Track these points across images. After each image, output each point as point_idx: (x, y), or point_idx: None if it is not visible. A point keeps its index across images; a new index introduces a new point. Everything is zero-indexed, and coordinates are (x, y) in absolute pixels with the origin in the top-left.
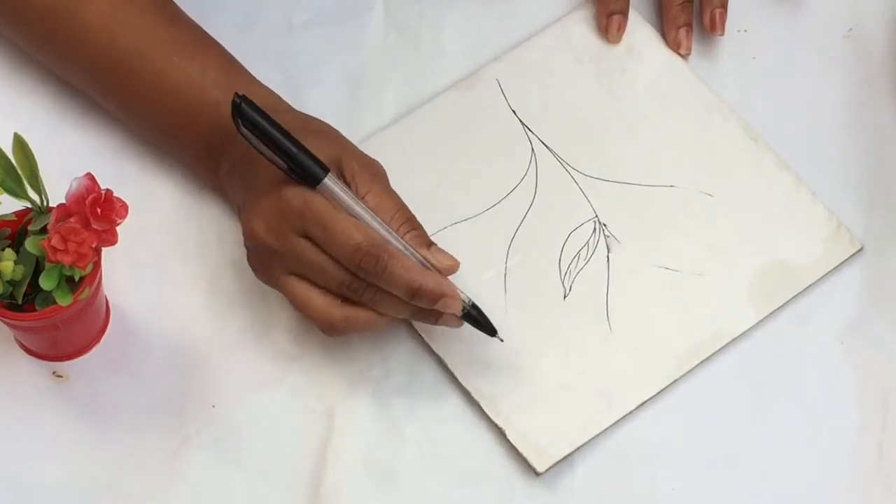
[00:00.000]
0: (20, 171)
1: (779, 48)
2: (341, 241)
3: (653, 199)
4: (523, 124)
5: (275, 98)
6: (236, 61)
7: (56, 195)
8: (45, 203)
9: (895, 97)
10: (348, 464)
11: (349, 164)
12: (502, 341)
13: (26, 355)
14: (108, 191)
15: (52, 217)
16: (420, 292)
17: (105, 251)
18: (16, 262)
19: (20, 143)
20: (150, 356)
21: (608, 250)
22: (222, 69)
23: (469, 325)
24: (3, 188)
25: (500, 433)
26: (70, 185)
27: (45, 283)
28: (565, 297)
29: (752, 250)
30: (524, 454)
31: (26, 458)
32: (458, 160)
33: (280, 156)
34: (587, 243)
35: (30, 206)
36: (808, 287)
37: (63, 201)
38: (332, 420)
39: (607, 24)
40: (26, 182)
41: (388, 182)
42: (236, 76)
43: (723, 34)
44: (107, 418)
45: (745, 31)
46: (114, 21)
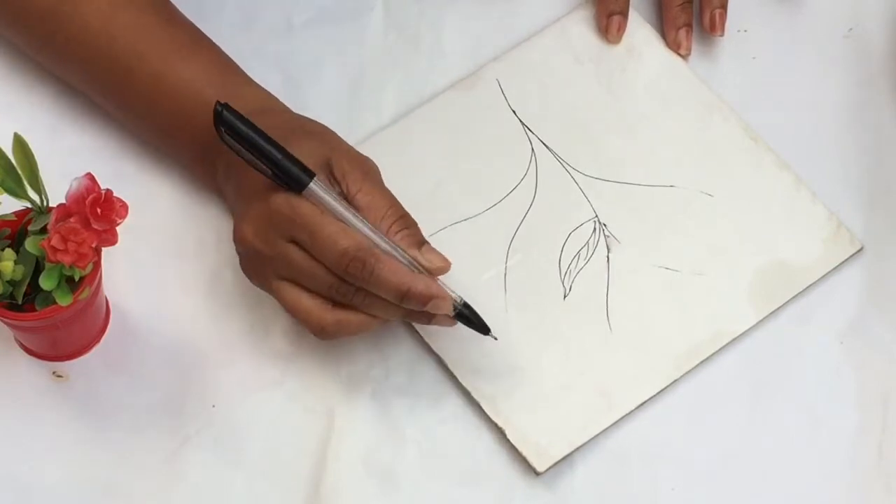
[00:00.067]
0: (20, 171)
1: (779, 48)
2: (328, 247)
3: (653, 199)
4: (523, 124)
5: (270, 99)
6: (232, 62)
7: (56, 195)
8: (45, 203)
9: (895, 97)
10: (348, 464)
11: (339, 164)
12: (496, 339)
13: (26, 355)
14: (108, 191)
15: (52, 217)
16: (409, 295)
17: (105, 251)
18: (16, 262)
19: (20, 143)
20: (150, 356)
21: (608, 250)
22: (218, 70)
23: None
24: (3, 188)
25: (500, 433)
26: (70, 185)
27: (45, 283)
28: (565, 297)
29: (752, 250)
30: (524, 454)
31: (26, 458)
32: (458, 160)
33: (264, 162)
34: (587, 243)
35: (30, 206)
36: (808, 287)
37: (63, 201)
38: (332, 420)
39: (607, 25)
40: (26, 182)
41: (380, 179)
42: (232, 77)
43: (722, 34)
44: (107, 418)
45: (745, 31)
46: (112, 22)
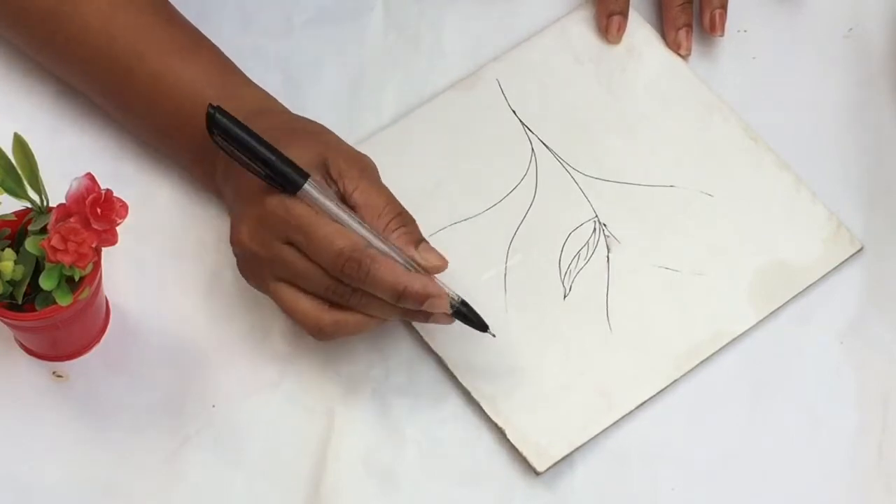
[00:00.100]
0: (20, 171)
1: (779, 48)
2: (324, 248)
3: (653, 199)
4: (523, 124)
5: (268, 99)
6: (231, 62)
7: (56, 195)
8: (45, 203)
9: (895, 97)
10: (348, 464)
11: (335, 162)
12: (494, 336)
13: (26, 355)
14: (108, 191)
15: (52, 217)
16: (406, 294)
17: (105, 251)
18: (16, 262)
19: (20, 143)
20: (150, 356)
21: (608, 250)
22: (217, 70)
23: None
24: (3, 188)
25: (500, 433)
26: (70, 185)
27: (45, 283)
28: (565, 297)
29: (752, 250)
30: (524, 454)
31: (26, 458)
32: (458, 160)
33: (258, 164)
34: (587, 243)
35: (30, 206)
36: (808, 287)
37: (63, 201)
38: (332, 420)
39: (607, 25)
40: (26, 182)
41: (377, 176)
42: (231, 77)
43: (722, 35)
44: (107, 418)
45: (745, 31)
46: (112, 22)
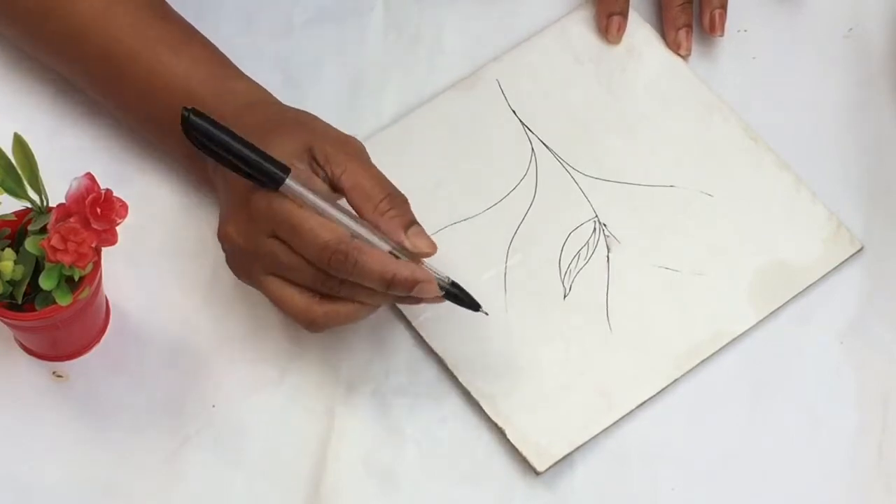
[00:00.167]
0: (20, 171)
1: (779, 48)
2: (310, 242)
3: (653, 199)
4: (523, 124)
5: (260, 91)
6: (225, 57)
7: (56, 195)
8: (45, 203)
9: (895, 97)
10: (348, 464)
11: (321, 148)
12: (487, 315)
13: (26, 355)
14: (107, 191)
15: (52, 217)
16: (394, 282)
17: (105, 251)
18: (16, 262)
19: (20, 143)
20: (150, 356)
21: (608, 250)
22: (210, 64)
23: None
24: (3, 188)
25: (500, 433)
26: (70, 185)
27: (45, 283)
28: (565, 297)
29: (752, 250)
30: (524, 454)
31: (26, 458)
32: (458, 160)
33: (238, 162)
34: (587, 243)
35: (30, 206)
36: (808, 287)
37: (63, 201)
38: (332, 420)
39: (607, 25)
40: (26, 182)
41: (366, 157)
42: (223, 70)
43: (722, 35)
44: (107, 418)
45: (745, 31)
46: (107, 17)
